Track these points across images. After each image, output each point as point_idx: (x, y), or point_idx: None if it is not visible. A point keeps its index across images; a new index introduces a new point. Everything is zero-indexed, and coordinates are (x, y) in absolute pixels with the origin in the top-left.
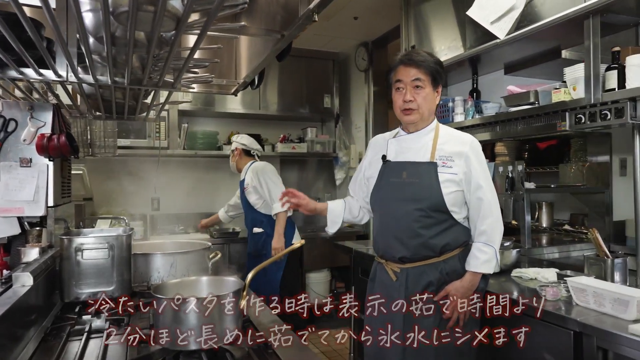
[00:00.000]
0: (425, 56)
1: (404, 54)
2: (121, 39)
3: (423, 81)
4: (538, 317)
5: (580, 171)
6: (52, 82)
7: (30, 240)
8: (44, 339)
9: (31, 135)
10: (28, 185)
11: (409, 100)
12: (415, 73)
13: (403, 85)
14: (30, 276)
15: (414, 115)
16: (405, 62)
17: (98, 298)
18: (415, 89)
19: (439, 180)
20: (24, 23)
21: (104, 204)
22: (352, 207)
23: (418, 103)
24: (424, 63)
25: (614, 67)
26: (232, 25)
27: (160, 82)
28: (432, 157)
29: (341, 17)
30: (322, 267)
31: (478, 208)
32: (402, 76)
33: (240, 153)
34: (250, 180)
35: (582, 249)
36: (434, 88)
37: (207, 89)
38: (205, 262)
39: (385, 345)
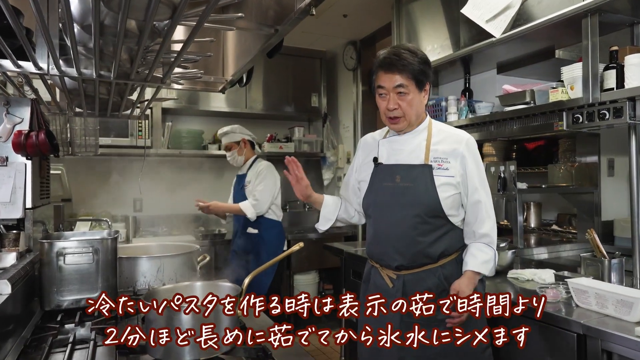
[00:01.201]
0: (407, 57)
1: (384, 57)
2: (110, 28)
3: (406, 87)
4: (538, 317)
5: (569, 171)
6: (31, 74)
7: (6, 245)
8: (23, 352)
9: (7, 132)
10: (4, 185)
11: (392, 108)
12: (397, 79)
13: (385, 92)
14: (9, 284)
15: (400, 123)
16: (385, 67)
17: (81, 305)
18: (398, 95)
19: (435, 184)
20: (5, 10)
21: (83, 205)
22: (347, 206)
23: (403, 110)
24: (405, 68)
25: (612, 67)
26: (230, 15)
27: (149, 76)
28: (426, 159)
29: (330, 14)
30: (309, 269)
31: (476, 211)
32: (384, 82)
33: (246, 145)
34: (255, 178)
35: (572, 249)
36: (419, 90)
37: (193, 86)
38: (194, 265)
39: (383, 345)
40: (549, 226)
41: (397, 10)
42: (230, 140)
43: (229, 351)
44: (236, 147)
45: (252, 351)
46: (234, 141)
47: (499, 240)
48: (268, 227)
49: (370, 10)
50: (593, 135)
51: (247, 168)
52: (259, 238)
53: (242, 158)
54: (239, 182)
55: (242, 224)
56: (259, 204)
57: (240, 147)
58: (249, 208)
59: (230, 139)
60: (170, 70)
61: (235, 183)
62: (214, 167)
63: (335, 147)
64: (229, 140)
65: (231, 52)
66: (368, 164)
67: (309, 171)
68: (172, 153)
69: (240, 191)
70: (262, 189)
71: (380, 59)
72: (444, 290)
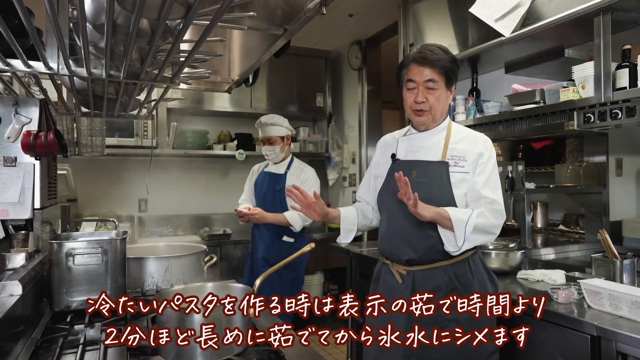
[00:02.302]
0: (440, 54)
1: (417, 51)
2: (122, 27)
3: (436, 82)
4: (538, 317)
5: (576, 171)
6: (40, 74)
7: (15, 245)
8: (34, 352)
9: (16, 132)
10: (13, 186)
11: (420, 101)
12: (428, 73)
13: (415, 85)
14: (19, 285)
15: (425, 116)
16: (419, 60)
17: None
18: (427, 89)
19: (451, 180)
20: (19, 10)
21: (89, 205)
22: (364, 211)
23: (430, 104)
24: (438, 62)
25: (625, 66)
26: (240, 14)
27: (158, 76)
28: (443, 157)
29: (336, 14)
30: (315, 270)
31: (477, 197)
32: (415, 75)
33: (289, 141)
34: (301, 185)
35: (580, 250)
36: (447, 88)
37: (199, 86)
38: (201, 266)
39: (385, 345)
40: (555, 226)
41: (404, 9)
42: (275, 133)
43: (241, 352)
44: (280, 142)
45: (264, 352)
46: (279, 135)
47: (508, 240)
48: (301, 236)
49: (376, 10)
50: (601, 135)
51: (284, 168)
52: (292, 247)
53: (282, 155)
54: (272, 182)
55: (276, 232)
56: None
57: (284, 144)
58: (296, 220)
59: (275, 132)
60: (180, 70)
61: (265, 181)
62: (219, 167)
63: (340, 147)
64: (274, 134)
65: (237, 52)
66: (386, 161)
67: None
68: (177, 153)
69: (276, 193)
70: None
71: (414, 52)
72: (454, 288)
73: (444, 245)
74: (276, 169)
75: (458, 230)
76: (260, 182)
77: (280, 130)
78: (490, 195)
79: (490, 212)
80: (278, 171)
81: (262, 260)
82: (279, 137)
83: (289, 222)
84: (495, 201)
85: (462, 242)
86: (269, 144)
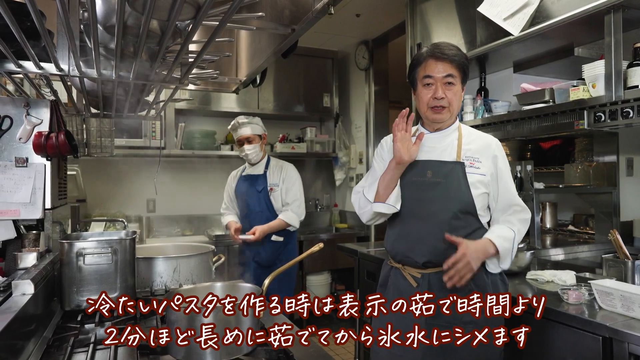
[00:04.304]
0: (456, 50)
1: (434, 47)
2: (132, 28)
3: (455, 77)
4: (538, 317)
5: (586, 171)
6: (51, 76)
7: (26, 245)
8: (46, 351)
9: (27, 133)
10: (24, 186)
11: (440, 97)
12: (447, 68)
13: (433, 81)
14: (31, 284)
15: (444, 113)
16: (437, 55)
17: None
18: (446, 85)
19: (468, 181)
20: (32, 13)
21: (98, 205)
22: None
23: (449, 100)
24: (456, 58)
25: (636, 64)
26: (249, 15)
27: (167, 77)
28: (458, 157)
29: (343, 13)
30: (322, 270)
31: (508, 206)
32: (432, 71)
33: (265, 140)
34: (281, 181)
35: (590, 250)
36: (462, 85)
37: (206, 87)
38: (209, 266)
39: (413, 345)
40: (565, 227)
41: (411, 9)
42: (253, 132)
43: (250, 352)
44: (258, 140)
45: (273, 352)
46: (257, 134)
47: None
48: (290, 234)
49: (383, 10)
50: (611, 134)
51: (263, 168)
52: (282, 246)
53: (261, 154)
54: (253, 184)
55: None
56: (302, 211)
57: (262, 142)
58: (293, 219)
59: (252, 131)
60: (189, 71)
61: (245, 185)
62: (227, 168)
63: (347, 147)
64: (252, 132)
65: (244, 52)
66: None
67: (320, 172)
68: (185, 154)
69: (259, 195)
70: (299, 193)
71: (430, 48)
72: (470, 290)
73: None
74: (254, 170)
75: (505, 258)
76: (240, 187)
77: (257, 128)
78: (520, 203)
79: (520, 222)
80: (257, 172)
81: (254, 262)
82: (257, 136)
83: (287, 223)
84: (525, 209)
85: (506, 265)
86: (249, 142)
